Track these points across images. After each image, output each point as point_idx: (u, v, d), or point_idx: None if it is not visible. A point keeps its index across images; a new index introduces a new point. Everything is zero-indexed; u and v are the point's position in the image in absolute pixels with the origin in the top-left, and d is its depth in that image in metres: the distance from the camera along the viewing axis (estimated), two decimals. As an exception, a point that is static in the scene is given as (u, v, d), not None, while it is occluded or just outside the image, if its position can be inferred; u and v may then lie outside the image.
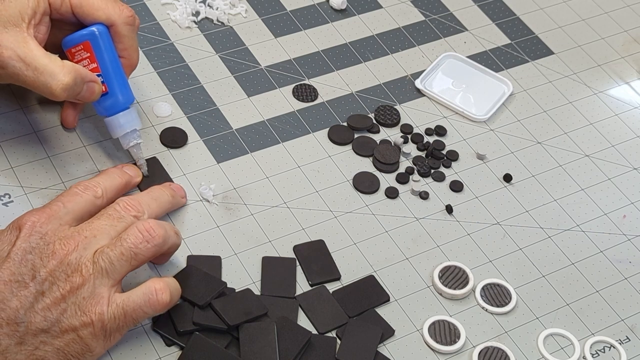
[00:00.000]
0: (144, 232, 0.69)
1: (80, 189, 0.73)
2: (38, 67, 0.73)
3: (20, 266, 0.66)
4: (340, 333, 0.73)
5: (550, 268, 0.80)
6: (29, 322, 0.65)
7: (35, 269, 0.66)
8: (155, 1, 0.95)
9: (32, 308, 0.65)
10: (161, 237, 0.69)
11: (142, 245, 0.68)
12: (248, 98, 0.89)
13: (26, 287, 0.65)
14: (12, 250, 0.66)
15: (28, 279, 0.65)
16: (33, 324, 0.65)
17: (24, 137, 0.81)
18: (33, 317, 0.65)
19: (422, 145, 0.87)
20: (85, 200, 0.72)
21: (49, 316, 0.65)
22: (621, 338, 0.77)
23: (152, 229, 0.69)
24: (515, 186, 0.86)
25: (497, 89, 0.93)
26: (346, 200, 0.82)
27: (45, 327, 0.65)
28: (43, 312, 0.65)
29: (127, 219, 0.71)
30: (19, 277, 0.65)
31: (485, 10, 1.01)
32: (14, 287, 0.65)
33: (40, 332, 0.65)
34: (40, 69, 0.73)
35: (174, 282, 0.71)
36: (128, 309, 0.67)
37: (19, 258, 0.66)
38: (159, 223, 0.70)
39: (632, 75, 0.97)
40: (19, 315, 0.64)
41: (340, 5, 0.98)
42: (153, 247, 0.69)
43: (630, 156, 0.89)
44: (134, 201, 0.72)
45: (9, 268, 0.65)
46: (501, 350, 0.74)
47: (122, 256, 0.68)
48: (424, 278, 0.78)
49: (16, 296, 0.65)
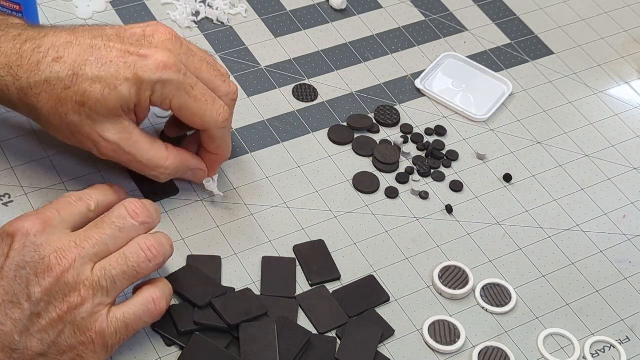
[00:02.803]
0: (147, 250, 0.67)
1: (73, 199, 0.69)
2: (142, 161, 0.74)
3: (14, 284, 0.63)
4: (340, 333, 0.73)
5: (550, 268, 0.80)
6: (25, 348, 0.63)
7: (30, 287, 0.63)
8: (155, 1, 0.95)
9: (27, 331, 0.63)
10: (162, 256, 0.68)
11: (145, 265, 0.67)
12: (248, 98, 0.89)
13: (20, 309, 0.63)
14: (5, 265, 0.63)
15: (22, 299, 0.63)
16: (29, 350, 0.63)
17: (24, 137, 0.81)
18: (29, 342, 0.63)
19: (422, 145, 0.87)
20: (79, 212, 0.69)
21: (45, 338, 0.63)
22: (621, 338, 0.77)
23: (154, 247, 0.67)
24: (515, 186, 0.86)
25: (497, 89, 0.93)
26: (346, 200, 0.82)
27: (42, 351, 0.63)
28: (39, 334, 0.63)
29: (130, 229, 0.68)
30: (12, 297, 0.63)
31: (485, 10, 1.01)
32: (7, 308, 0.63)
33: (37, 356, 0.63)
34: (145, 162, 0.74)
35: (168, 286, 0.70)
36: (129, 322, 0.66)
37: (13, 274, 0.63)
38: (159, 240, 0.68)
39: (632, 75, 0.97)
40: (13, 341, 0.62)
41: (340, 5, 0.98)
42: (154, 265, 0.68)
43: (630, 156, 0.89)
44: (142, 207, 0.69)
45: (3, 287, 0.63)
46: (501, 350, 0.74)
47: (125, 275, 0.66)
48: (424, 278, 0.78)
49: (10, 319, 0.62)
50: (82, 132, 0.72)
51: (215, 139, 0.76)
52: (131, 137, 0.73)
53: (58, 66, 0.70)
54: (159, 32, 0.74)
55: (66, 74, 0.70)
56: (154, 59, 0.71)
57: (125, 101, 0.71)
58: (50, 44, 0.71)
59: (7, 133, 0.81)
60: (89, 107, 0.70)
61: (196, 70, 0.74)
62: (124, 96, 0.70)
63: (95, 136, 0.72)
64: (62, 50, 0.71)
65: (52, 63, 0.70)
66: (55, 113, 0.71)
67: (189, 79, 0.72)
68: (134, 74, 0.70)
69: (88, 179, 0.79)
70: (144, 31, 0.73)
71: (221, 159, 0.79)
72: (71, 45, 0.71)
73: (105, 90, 0.70)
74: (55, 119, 0.72)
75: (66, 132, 0.73)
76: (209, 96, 0.74)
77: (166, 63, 0.71)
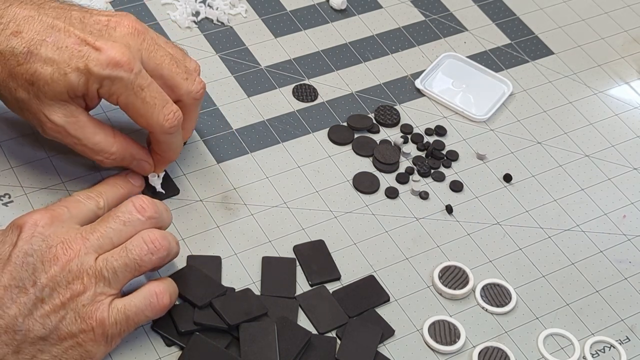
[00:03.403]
0: (149, 243, 0.68)
1: (82, 197, 0.72)
2: (87, 145, 0.73)
3: (21, 270, 0.65)
4: (340, 333, 0.73)
5: (550, 268, 0.80)
6: (27, 330, 0.64)
7: (36, 273, 0.65)
8: (155, 1, 0.95)
9: (30, 315, 0.64)
10: (166, 250, 0.69)
11: (147, 257, 0.68)
12: (248, 98, 0.89)
13: (26, 294, 0.64)
14: (13, 253, 0.65)
15: (28, 285, 0.64)
16: (31, 332, 0.64)
17: (24, 138, 0.81)
18: (31, 325, 0.64)
19: (422, 145, 0.87)
20: (88, 209, 0.71)
21: (47, 323, 0.65)
22: (621, 338, 0.77)
23: (158, 240, 0.68)
24: (515, 186, 0.86)
25: (497, 89, 0.93)
26: (346, 200, 0.82)
27: (43, 335, 0.64)
28: (42, 319, 0.64)
29: (135, 222, 0.69)
30: (19, 282, 0.64)
31: (485, 10, 1.01)
32: (13, 292, 0.64)
33: (38, 339, 0.64)
34: (90, 147, 0.73)
35: (172, 283, 0.70)
36: (130, 314, 0.67)
37: (20, 261, 0.65)
38: (163, 234, 0.69)
39: (632, 75, 0.97)
40: (17, 323, 0.64)
41: (340, 5, 0.98)
42: (157, 259, 0.68)
43: (630, 156, 0.89)
44: (150, 203, 0.70)
45: (10, 272, 0.64)
46: (501, 350, 0.74)
47: (126, 267, 0.67)
48: (424, 278, 0.78)
49: (15, 303, 0.64)
50: (29, 109, 0.72)
51: (160, 143, 0.76)
52: (77, 121, 0.72)
53: (15, 41, 0.70)
54: (122, 24, 0.73)
55: (21, 50, 0.70)
56: (107, 54, 0.70)
57: (72, 88, 0.70)
58: (12, 15, 0.71)
59: (7, 133, 0.81)
60: (37, 87, 0.70)
61: (156, 67, 0.73)
62: (72, 84, 0.70)
63: (42, 116, 0.72)
64: (23, 24, 0.70)
65: (10, 36, 0.70)
66: (5, 86, 0.71)
67: (140, 79, 0.71)
68: (85, 65, 0.70)
69: (88, 179, 0.79)
70: (109, 21, 0.73)
71: (166, 161, 0.78)
72: (33, 20, 0.71)
73: (55, 74, 0.70)
74: (4, 91, 0.72)
75: (15, 105, 0.73)
76: (159, 99, 0.73)
77: (118, 61, 0.70)
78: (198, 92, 0.76)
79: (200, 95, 0.76)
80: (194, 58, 0.78)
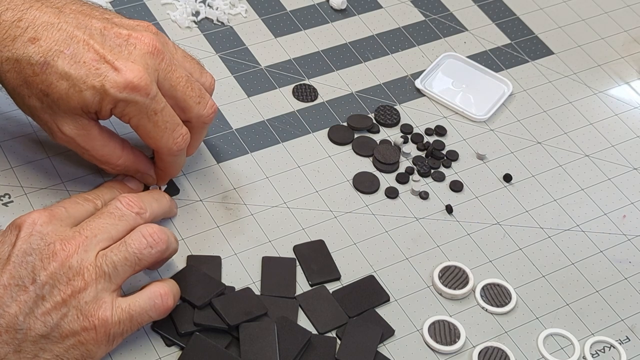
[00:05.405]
0: (148, 237, 0.68)
1: (80, 199, 0.72)
2: (95, 156, 0.74)
3: (20, 269, 0.65)
4: (340, 333, 0.73)
5: (550, 268, 0.80)
6: (28, 329, 0.64)
7: (35, 271, 0.65)
8: (155, 1, 0.95)
9: (31, 313, 0.64)
10: (165, 243, 0.69)
11: (146, 251, 0.68)
12: (248, 98, 0.89)
13: (26, 291, 0.64)
14: (12, 252, 0.65)
15: (28, 282, 0.64)
16: (32, 330, 0.64)
17: (24, 137, 0.81)
18: (32, 323, 0.64)
19: (422, 145, 0.87)
20: (86, 210, 0.71)
21: (48, 321, 0.64)
22: (621, 338, 0.77)
23: (156, 233, 0.69)
24: (515, 186, 0.86)
25: (497, 89, 0.93)
26: (346, 200, 0.82)
27: (45, 333, 0.64)
28: (43, 317, 0.64)
29: (129, 217, 0.70)
30: (18, 280, 0.64)
31: (485, 10, 1.01)
32: (13, 291, 0.64)
33: (40, 338, 0.64)
34: (97, 157, 0.74)
35: (175, 285, 0.71)
36: (134, 314, 0.67)
37: (19, 260, 0.65)
38: (162, 229, 0.70)
39: (632, 75, 0.97)
40: (17, 322, 0.64)
41: (340, 5, 0.98)
42: (156, 252, 0.69)
43: (630, 156, 0.89)
44: (136, 198, 0.71)
45: (9, 271, 0.64)
46: (501, 350, 0.74)
47: (126, 261, 0.67)
48: (424, 278, 0.78)
49: (15, 301, 0.64)
50: (41, 117, 0.72)
51: (165, 162, 0.76)
52: (88, 134, 0.72)
53: (32, 48, 0.69)
54: (142, 42, 0.72)
55: (37, 60, 0.69)
56: (125, 76, 0.69)
57: (86, 105, 0.70)
58: (32, 19, 0.70)
59: (7, 133, 0.81)
60: (51, 99, 0.70)
61: (171, 88, 0.73)
62: (87, 101, 0.70)
63: (53, 125, 0.72)
64: (41, 31, 0.70)
65: (28, 43, 0.69)
66: (19, 92, 0.71)
67: (155, 104, 0.71)
68: (101, 85, 0.69)
69: (88, 179, 0.79)
70: (129, 36, 0.72)
71: (168, 177, 0.79)
72: (52, 27, 0.70)
73: (70, 90, 0.69)
74: (17, 97, 0.72)
75: (26, 109, 0.73)
76: (170, 123, 0.73)
77: (136, 85, 0.69)
78: (208, 116, 0.76)
79: (210, 119, 0.76)
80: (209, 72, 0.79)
